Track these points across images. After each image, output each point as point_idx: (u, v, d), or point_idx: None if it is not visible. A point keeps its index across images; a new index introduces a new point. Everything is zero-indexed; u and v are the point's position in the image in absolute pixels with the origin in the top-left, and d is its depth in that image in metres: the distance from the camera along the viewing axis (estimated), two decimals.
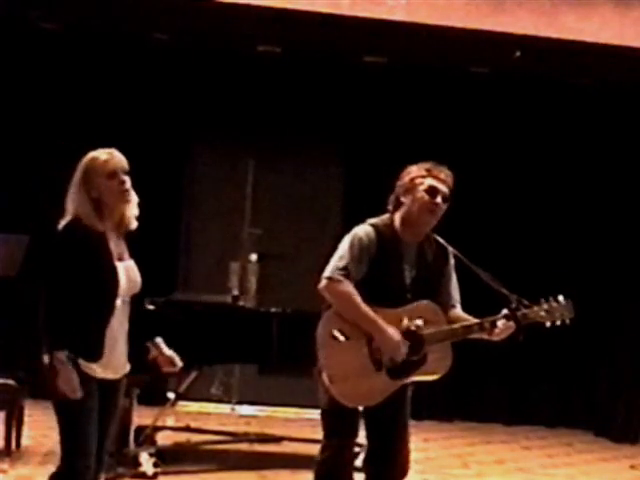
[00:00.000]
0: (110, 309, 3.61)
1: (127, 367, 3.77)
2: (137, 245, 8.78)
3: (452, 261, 4.15)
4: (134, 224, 3.76)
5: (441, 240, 4.15)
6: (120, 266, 3.68)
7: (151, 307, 5.77)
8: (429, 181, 4.02)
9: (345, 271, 3.97)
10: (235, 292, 6.71)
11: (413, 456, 4.19)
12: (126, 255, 3.76)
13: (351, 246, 4.01)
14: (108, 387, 3.67)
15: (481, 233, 8.08)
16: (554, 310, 4.02)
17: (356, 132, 8.42)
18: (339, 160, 8.62)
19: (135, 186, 8.83)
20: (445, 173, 4.07)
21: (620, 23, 6.99)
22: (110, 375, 3.67)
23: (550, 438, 8.16)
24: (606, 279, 8.37)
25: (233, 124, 8.35)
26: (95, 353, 3.59)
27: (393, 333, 3.93)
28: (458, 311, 4.14)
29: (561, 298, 4.04)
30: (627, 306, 8.34)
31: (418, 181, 4.04)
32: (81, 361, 3.54)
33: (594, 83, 8.17)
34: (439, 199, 4.01)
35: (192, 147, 8.51)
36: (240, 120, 8.30)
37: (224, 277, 7.29)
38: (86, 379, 3.55)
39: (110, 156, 3.70)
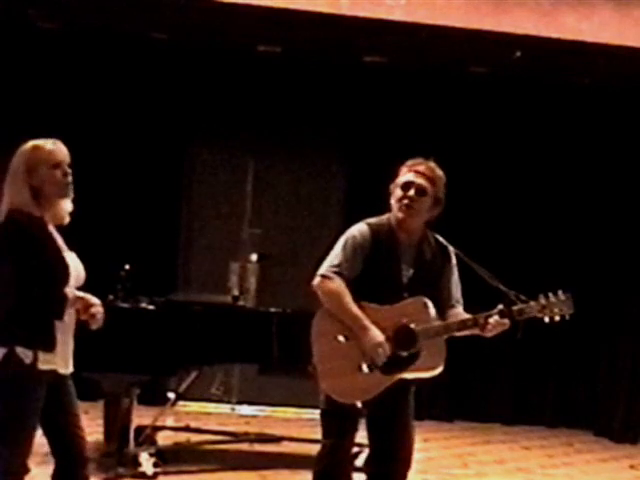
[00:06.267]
0: (64, 298, 3.51)
1: (71, 365, 3.65)
2: (137, 245, 8.76)
3: (454, 261, 4.13)
4: (67, 219, 3.65)
5: (442, 239, 4.14)
6: (67, 256, 3.60)
7: (151, 307, 5.78)
8: (405, 177, 4.04)
9: (337, 269, 3.98)
10: (235, 292, 6.70)
11: (413, 456, 4.16)
12: (65, 247, 3.64)
13: (345, 245, 4.03)
14: (59, 383, 3.57)
15: (482, 231, 8.09)
16: (552, 305, 3.95)
17: (356, 132, 8.42)
18: (339, 160, 8.61)
19: (135, 186, 8.83)
20: (425, 166, 4.05)
21: (620, 23, 6.98)
22: (62, 369, 3.57)
23: (550, 438, 8.16)
24: (606, 279, 8.37)
25: (233, 124, 8.34)
26: (50, 342, 3.48)
27: (375, 334, 3.90)
28: (458, 310, 4.10)
29: (560, 293, 3.98)
30: (627, 306, 8.35)
31: (398, 179, 4.07)
32: (40, 355, 3.45)
33: (594, 83, 8.16)
34: (412, 192, 4.01)
35: (191, 147, 8.51)
36: (240, 120, 8.29)
37: (224, 277, 7.28)
38: (38, 380, 3.47)
39: (55, 146, 3.62)
